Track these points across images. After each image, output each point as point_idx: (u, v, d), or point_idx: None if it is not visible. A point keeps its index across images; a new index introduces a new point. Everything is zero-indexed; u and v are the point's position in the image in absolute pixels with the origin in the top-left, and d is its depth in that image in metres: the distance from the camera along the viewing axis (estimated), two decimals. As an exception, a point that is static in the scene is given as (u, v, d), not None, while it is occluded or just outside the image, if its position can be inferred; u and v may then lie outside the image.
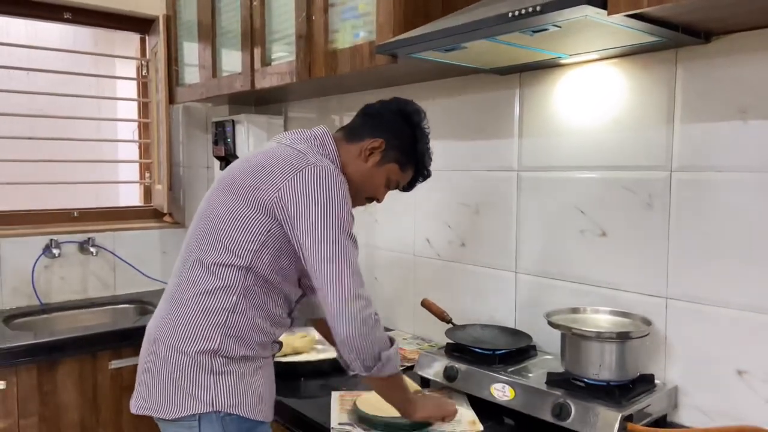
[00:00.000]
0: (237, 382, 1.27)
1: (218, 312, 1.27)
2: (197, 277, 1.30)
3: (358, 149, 1.38)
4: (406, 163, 1.41)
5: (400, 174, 1.42)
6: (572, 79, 1.60)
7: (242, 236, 1.26)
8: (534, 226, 1.71)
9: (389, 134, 1.38)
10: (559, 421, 1.29)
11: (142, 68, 3.11)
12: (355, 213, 2.31)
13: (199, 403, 1.25)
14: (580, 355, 1.36)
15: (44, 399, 2.07)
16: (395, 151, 1.39)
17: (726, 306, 1.33)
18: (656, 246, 1.44)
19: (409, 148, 1.40)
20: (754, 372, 1.29)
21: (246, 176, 1.30)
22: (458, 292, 1.93)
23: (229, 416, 1.26)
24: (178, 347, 1.28)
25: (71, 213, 2.77)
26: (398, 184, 1.45)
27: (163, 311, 1.37)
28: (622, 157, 1.50)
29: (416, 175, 1.45)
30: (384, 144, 1.37)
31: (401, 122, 1.39)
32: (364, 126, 1.40)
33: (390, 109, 1.41)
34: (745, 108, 1.29)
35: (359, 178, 1.38)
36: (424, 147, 1.41)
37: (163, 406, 1.28)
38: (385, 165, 1.39)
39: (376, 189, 1.43)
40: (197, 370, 1.26)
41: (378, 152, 1.38)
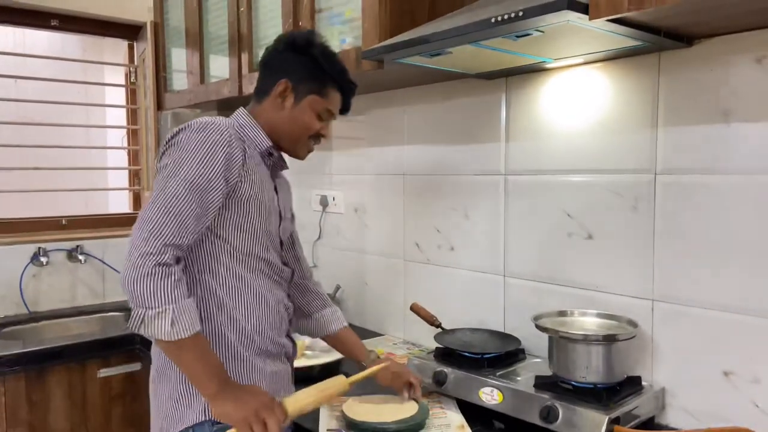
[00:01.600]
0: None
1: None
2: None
3: (271, 102, 1.33)
4: (322, 88, 1.33)
5: (323, 101, 1.34)
6: (557, 83, 1.61)
7: None
8: (522, 230, 1.72)
9: (289, 72, 1.31)
10: (547, 424, 1.29)
11: (131, 75, 3.10)
12: (345, 218, 2.31)
13: (191, 412, 1.24)
14: (567, 358, 1.37)
15: (33, 408, 2.05)
16: (304, 83, 1.32)
17: (712, 307, 1.34)
18: (642, 248, 1.45)
19: (316, 73, 1.32)
20: (741, 373, 1.30)
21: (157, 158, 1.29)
22: (447, 297, 1.93)
23: (220, 425, 1.23)
24: (166, 362, 1.27)
25: (59, 221, 2.75)
26: (330, 110, 1.36)
27: None
28: (607, 161, 1.51)
29: (343, 92, 1.37)
30: (288, 82, 1.31)
31: (292, 54, 1.32)
32: (264, 78, 1.35)
33: (277, 49, 1.35)
34: (727, 110, 1.30)
35: (288, 126, 1.34)
36: (328, 63, 1.32)
37: (162, 426, 1.28)
38: (303, 100, 1.33)
39: (309, 126, 1.35)
40: (185, 380, 1.24)
41: (289, 93, 1.32)
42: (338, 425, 1.38)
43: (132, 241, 1.12)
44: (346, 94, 1.38)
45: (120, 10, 2.81)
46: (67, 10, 2.70)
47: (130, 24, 2.87)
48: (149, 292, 1.09)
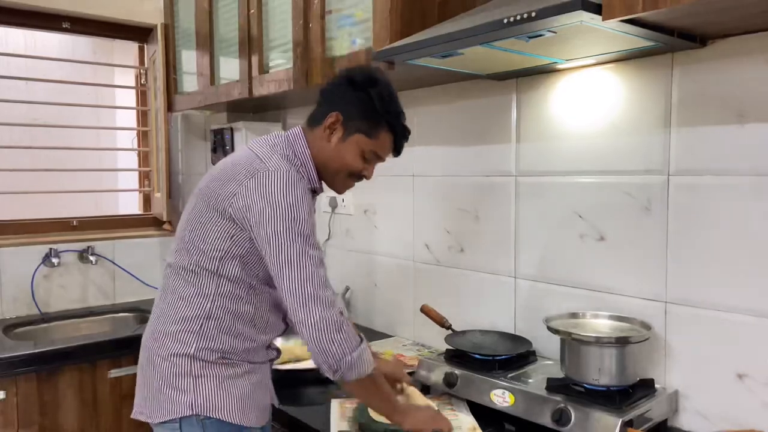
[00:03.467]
0: (218, 387, 1.28)
1: (193, 318, 1.28)
2: (173, 284, 1.33)
3: (320, 132, 1.34)
4: (372, 129, 1.32)
5: (371, 143, 1.33)
6: (569, 84, 1.60)
7: (206, 241, 1.27)
8: (533, 231, 1.71)
9: (342, 105, 1.31)
10: (559, 426, 1.29)
11: (141, 77, 3.12)
12: (355, 219, 2.32)
13: (180, 406, 1.27)
14: (579, 360, 1.36)
15: (44, 409, 2.06)
16: (356, 121, 1.31)
17: (725, 310, 1.33)
18: (655, 250, 1.44)
19: (368, 113, 1.30)
20: (755, 376, 1.29)
21: (210, 181, 1.32)
22: (458, 298, 1.93)
23: (209, 420, 1.27)
24: (158, 352, 1.31)
25: (70, 222, 2.77)
26: (377, 153, 1.35)
27: (150, 318, 1.40)
28: (619, 162, 1.50)
29: (394, 135, 1.35)
30: (340, 116, 1.31)
31: (350, 89, 1.31)
32: (320, 107, 1.36)
33: (337, 83, 1.35)
34: (741, 112, 1.29)
35: (330, 160, 1.34)
36: (384, 103, 1.31)
37: (151, 411, 1.31)
38: (350, 138, 1.32)
39: (351, 165, 1.35)
40: (176, 373, 1.28)
41: (338, 126, 1.32)
42: (349, 426, 1.38)
43: (305, 300, 1.19)
44: (398, 137, 1.36)
45: (130, 13, 2.82)
46: (77, 13, 2.72)
47: (140, 26, 2.89)
48: (347, 338, 1.20)
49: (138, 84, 3.15)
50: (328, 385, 1.68)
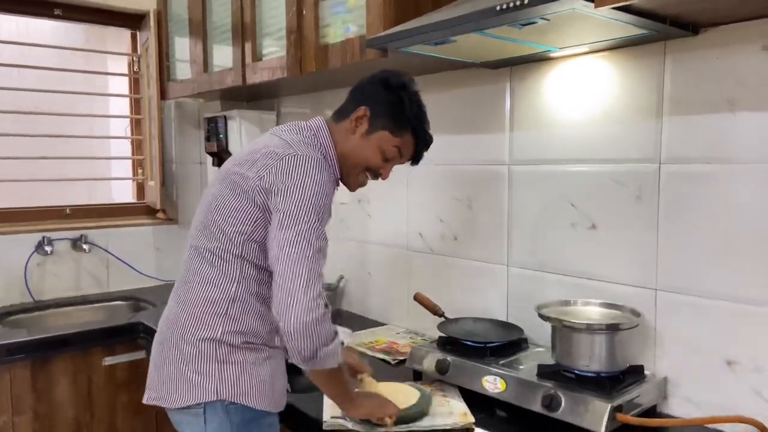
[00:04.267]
0: (242, 372, 1.28)
1: (219, 302, 1.28)
2: (197, 268, 1.32)
3: (346, 125, 1.36)
4: (397, 129, 1.35)
5: (394, 140, 1.36)
6: (562, 73, 1.60)
7: (230, 225, 1.28)
8: (525, 220, 1.72)
9: (372, 102, 1.35)
10: (549, 412, 1.30)
11: (134, 64, 3.10)
12: (348, 208, 2.32)
13: (204, 391, 1.27)
14: (570, 347, 1.37)
15: (38, 396, 2.07)
16: (382, 118, 1.34)
17: (715, 297, 1.34)
18: (646, 238, 1.45)
19: (396, 113, 1.35)
20: (744, 362, 1.30)
21: (235, 166, 1.32)
22: (451, 286, 1.94)
23: (234, 405, 1.27)
24: (182, 336, 1.30)
25: (63, 210, 2.76)
26: (396, 154, 1.38)
27: (170, 304, 1.40)
28: (611, 150, 1.51)
29: (417, 141, 1.39)
30: (368, 111, 1.34)
31: (383, 89, 1.35)
32: (350, 102, 1.39)
33: (371, 81, 1.38)
34: (733, 100, 1.29)
35: (351, 152, 1.37)
36: (413, 108, 1.35)
37: (171, 396, 1.30)
38: (374, 134, 1.35)
39: (372, 161, 1.38)
40: (202, 358, 1.27)
41: (364, 120, 1.35)
42: (342, 413, 1.39)
43: (293, 284, 1.18)
44: (419, 144, 1.40)
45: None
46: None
47: (133, 13, 2.86)
48: (326, 331, 1.19)
49: (131, 71, 3.14)
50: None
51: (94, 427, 2.18)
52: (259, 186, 1.25)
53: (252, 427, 1.29)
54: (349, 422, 1.35)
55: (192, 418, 1.29)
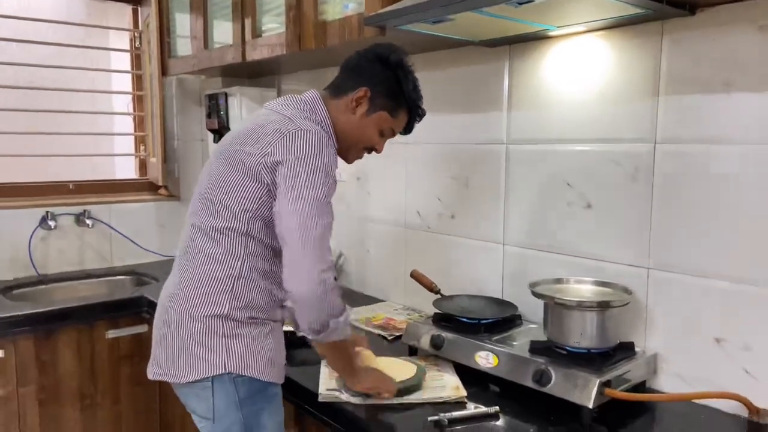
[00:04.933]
0: (248, 346, 1.31)
1: (224, 278, 1.31)
2: (202, 246, 1.34)
3: (345, 103, 1.38)
4: (395, 108, 1.40)
5: (391, 120, 1.41)
6: (560, 52, 1.60)
7: (235, 202, 1.29)
8: (522, 199, 1.73)
9: (371, 82, 1.37)
10: (539, 387, 1.33)
11: (135, 40, 3.09)
12: (348, 185, 2.33)
13: (212, 366, 1.29)
14: (562, 323, 1.39)
15: (43, 368, 2.11)
16: (381, 98, 1.38)
17: (706, 276, 1.36)
18: (639, 218, 1.46)
19: (395, 92, 1.38)
20: (732, 340, 1.32)
21: (236, 143, 1.33)
22: (447, 264, 1.96)
23: (241, 377, 1.30)
24: (189, 313, 1.32)
25: (67, 185, 2.79)
26: (393, 131, 1.44)
27: (172, 280, 1.42)
28: (608, 130, 1.52)
29: (411, 116, 1.44)
30: (369, 92, 1.37)
31: (381, 68, 1.37)
32: (347, 79, 1.40)
33: (368, 58, 1.39)
34: (728, 80, 1.30)
35: (351, 131, 1.40)
36: (410, 86, 1.39)
37: (179, 371, 1.33)
38: (374, 114, 1.39)
39: (371, 139, 1.42)
40: (208, 334, 1.30)
41: (365, 101, 1.37)
42: (338, 385, 1.42)
43: (304, 257, 1.21)
44: (413, 118, 1.45)
45: (124, -26, 2.79)
46: (70, -26, 2.69)
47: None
48: (336, 302, 1.23)
49: (132, 47, 3.13)
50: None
51: (97, 398, 2.23)
52: (264, 163, 1.26)
53: (258, 398, 1.33)
54: (344, 394, 1.38)
55: (200, 391, 1.32)
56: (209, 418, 1.33)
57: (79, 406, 2.19)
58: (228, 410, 1.31)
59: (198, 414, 1.36)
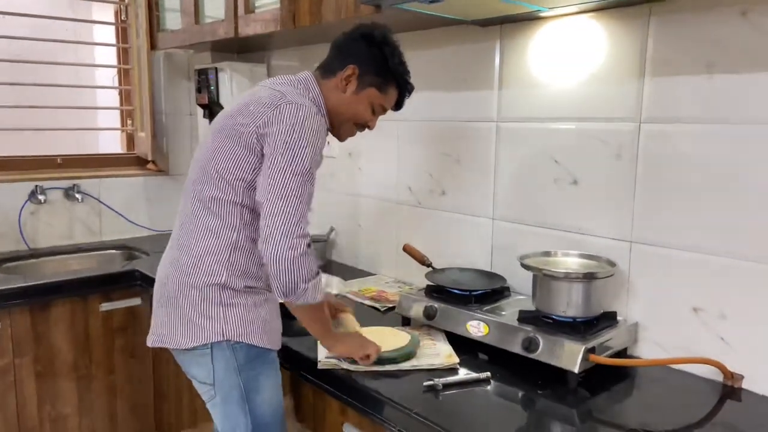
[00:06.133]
0: (245, 313, 1.37)
1: (221, 248, 1.36)
2: (200, 216, 1.39)
3: (335, 83, 1.44)
4: (383, 84, 1.45)
5: (381, 97, 1.46)
6: (550, 32, 1.65)
7: (231, 173, 1.34)
8: (511, 175, 1.79)
9: (358, 60, 1.42)
10: (528, 353, 1.40)
11: (121, 12, 3.06)
12: (339, 161, 2.37)
13: (211, 333, 1.35)
14: (549, 294, 1.46)
15: (38, 339, 2.14)
16: (370, 75, 1.43)
17: (685, 249, 1.43)
18: (623, 194, 1.53)
19: (382, 69, 1.43)
20: (709, 309, 1.41)
21: (231, 117, 1.38)
22: (438, 238, 2.02)
23: (239, 344, 1.36)
24: (187, 282, 1.37)
25: (55, 159, 2.78)
26: (383, 107, 1.49)
27: (170, 251, 1.47)
28: (595, 109, 1.57)
29: (400, 91, 1.49)
30: (357, 70, 1.41)
31: (366, 45, 1.42)
32: (335, 59, 1.45)
33: (353, 38, 1.44)
34: (711, 63, 1.36)
35: (342, 109, 1.45)
36: (396, 62, 1.44)
37: (178, 338, 1.39)
38: (363, 91, 1.44)
39: (362, 116, 1.47)
40: (207, 302, 1.36)
41: (354, 79, 1.42)
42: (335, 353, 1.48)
43: (281, 221, 1.25)
44: (402, 94, 1.50)
45: (110, -54, 2.75)
46: (56, -56, 2.65)
47: (120, -40, 2.82)
48: (308, 268, 1.27)
49: (118, 20, 3.10)
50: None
51: (92, 368, 2.27)
52: (256, 133, 1.31)
53: (256, 363, 1.39)
54: (343, 362, 1.44)
55: (199, 358, 1.38)
56: (210, 383, 1.39)
57: (75, 376, 2.23)
58: (227, 375, 1.37)
59: (198, 380, 1.42)
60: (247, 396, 1.38)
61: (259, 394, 1.40)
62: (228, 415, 1.39)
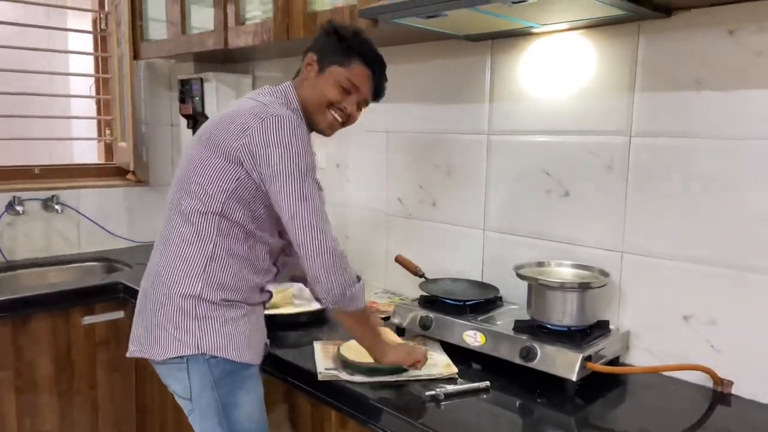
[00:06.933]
0: (221, 327, 1.35)
1: (197, 259, 1.35)
2: (176, 227, 1.38)
3: (302, 76, 1.47)
4: (345, 59, 1.41)
5: (345, 71, 1.41)
6: (541, 48, 1.69)
7: (212, 184, 1.34)
8: (502, 187, 1.82)
9: (316, 48, 1.45)
10: (526, 362, 1.42)
11: (101, 21, 3.02)
12: (326, 173, 2.37)
13: (186, 346, 1.34)
14: (545, 303, 1.49)
15: (18, 353, 2.08)
16: (328, 56, 1.43)
17: (674, 258, 1.48)
18: (614, 205, 1.57)
19: (341, 48, 1.42)
20: (699, 317, 1.45)
21: (214, 128, 1.38)
22: (428, 249, 2.04)
23: (215, 359, 1.35)
24: (164, 293, 1.37)
25: (32, 170, 2.72)
26: (353, 84, 1.42)
27: (151, 261, 1.45)
28: (585, 123, 1.62)
29: (367, 64, 1.44)
30: (315, 55, 1.44)
31: (324, 35, 1.45)
32: (302, 60, 1.48)
33: (314, 37, 1.48)
34: (699, 79, 1.41)
35: (309, 94, 1.44)
36: (349, 34, 1.43)
37: (153, 348, 1.37)
38: (326, 70, 1.43)
39: (329, 94, 1.42)
40: (182, 314, 1.35)
41: (314, 63, 1.44)
42: (335, 365, 1.48)
43: (315, 231, 1.29)
44: (372, 68, 1.44)
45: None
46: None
47: (102, -31, 2.79)
48: (349, 273, 1.34)
49: (97, 29, 3.06)
50: (307, 328, 1.78)
51: (74, 383, 2.21)
52: (242, 145, 1.31)
53: (234, 378, 1.38)
54: (342, 373, 1.44)
55: (176, 372, 1.37)
56: (187, 397, 1.38)
57: (56, 391, 2.17)
58: (204, 391, 1.36)
59: (178, 394, 1.42)
60: (225, 412, 1.37)
61: (239, 410, 1.39)
62: (206, 431, 1.39)
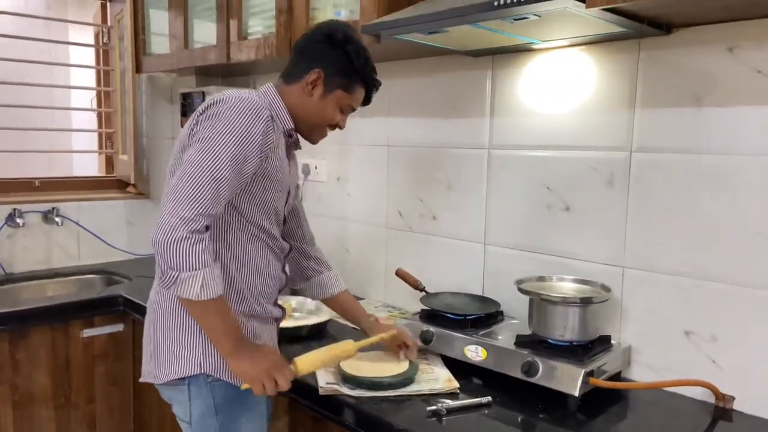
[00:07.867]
0: None
1: None
2: None
3: (301, 87, 1.38)
4: (350, 85, 1.40)
5: (349, 97, 1.41)
6: (542, 64, 1.70)
7: None
8: (503, 201, 1.83)
9: (323, 63, 1.36)
10: (528, 377, 1.42)
11: (103, 35, 3.05)
12: (327, 186, 2.37)
13: (188, 364, 1.30)
14: (547, 318, 1.49)
15: (17, 367, 2.07)
16: (336, 77, 1.37)
17: (676, 274, 1.48)
18: (615, 220, 1.58)
19: (347, 70, 1.38)
20: (700, 332, 1.45)
21: (186, 128, 1.33)
22: (429, 263, 2.04)
23: (217, 381, 1.31)
24: (165, 310, 1.33)
25: (32, 182, 2.72)
26: (352, 107, 1.44)
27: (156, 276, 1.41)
28: (586, 138, 1.63)
29: (367, 89, 1.44)
30: (322, 73, 1.36)
31: (329, 47, 1.37)
32: (299, 63, 1.39)
33: (315, 39, 1.39)
34: (699, 96, 1.42)
35: (311, 114, 1.40)
36: (361, 61, 1.38)
37: (158, 370, 1.34)
38: (331, 94, 1.39)
39: (332, 118, 1.42)
40: (184, 330, 1.31)
41: (319, 83, 1.37)
42: (335, 379, 1.47)
43: (168, 204, 1.16)
44: (370, 91, 1.46)
45: (95, -31, 2.75)
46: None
47: (105, -17, 2.82)
48: (182, 256, 1.14)
49: (99, 43, 3.08)
50: (307, 342, 1.77)
51: (72, 397, 2.20)
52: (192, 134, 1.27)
53: (236, 404, 1.33)
54: (343, 387, 1.43)
55: (178, 395, 1.34)
56: (187, 421, 1.34)
57: (54, 405, 2.16)
58: (204, 416, 1.32)
59: (179, 417, 1.38)
60: None
61: None
62: None
